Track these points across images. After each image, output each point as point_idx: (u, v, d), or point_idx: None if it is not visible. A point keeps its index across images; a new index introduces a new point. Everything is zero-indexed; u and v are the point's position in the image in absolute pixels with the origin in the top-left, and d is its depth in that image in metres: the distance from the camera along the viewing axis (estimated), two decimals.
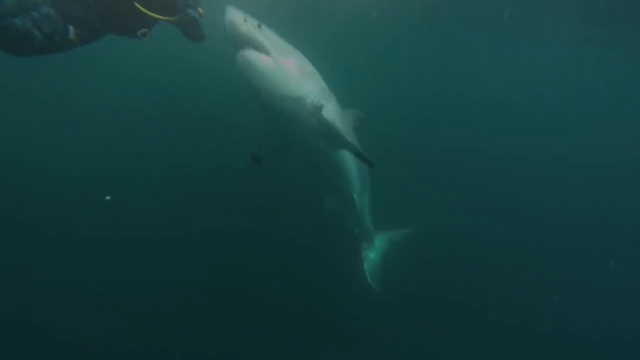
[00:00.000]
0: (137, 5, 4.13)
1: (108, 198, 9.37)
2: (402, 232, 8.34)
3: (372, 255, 8.03)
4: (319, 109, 5.03)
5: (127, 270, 8.62)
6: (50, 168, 10.68)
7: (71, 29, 3.82)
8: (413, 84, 18.57)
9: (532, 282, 10.50)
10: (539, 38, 15.50)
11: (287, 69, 4.71)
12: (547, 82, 20.16)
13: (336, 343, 8.50)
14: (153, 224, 9.54)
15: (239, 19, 4.36)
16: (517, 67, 19.21)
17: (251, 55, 4.48)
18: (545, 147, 17.33)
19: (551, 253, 11.88)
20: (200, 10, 4.63)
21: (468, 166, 14.41)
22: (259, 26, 4.49)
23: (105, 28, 4.31)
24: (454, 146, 15.04)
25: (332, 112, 5.28)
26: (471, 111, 17.22)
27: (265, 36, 4.52)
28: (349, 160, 6.22)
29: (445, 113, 16.84)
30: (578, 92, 21.17)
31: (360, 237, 7.89)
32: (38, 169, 10.71)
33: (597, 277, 11.61)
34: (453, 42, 17.52)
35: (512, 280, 10.31)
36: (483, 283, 9.99)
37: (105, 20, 4.20)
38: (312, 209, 7.99)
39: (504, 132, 16.71)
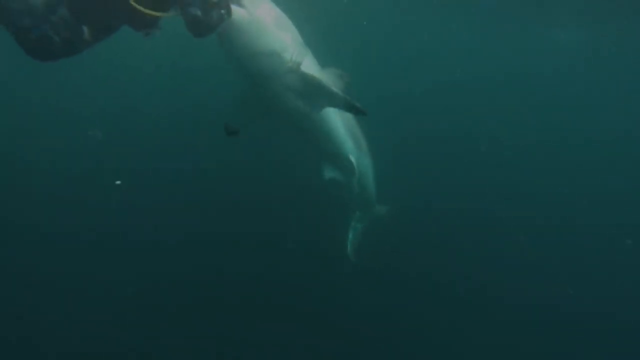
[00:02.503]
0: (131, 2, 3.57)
1: (118, 182, 9.13)
2: (392, 208, 8.13)
3: (360, 225, 7.82)
4: (297, 64, 4.81)
5: (120, 270, 8.46)
6: (45, 165, 10.29)
7: (85, 28, 3.71)
8: (414, 71, 18.28)
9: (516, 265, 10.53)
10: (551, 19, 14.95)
11: (262, 21, 4.47)
12: (556, 67, 19.76)
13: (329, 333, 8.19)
14: (144, 221, 9.29)
15: None
16: (524, 51, 18.86)
17: None
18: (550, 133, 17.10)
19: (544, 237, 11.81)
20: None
21: (471, 152, 14.19)
22: None
23: (116, 22, 4.00)
24: (456, 133, 14.86)
25: (310, 68, 5.04)
26: (474, 97, 17.02)
27: None
28: (335, 119, 5.97)
29: (445, 100, 16.64)
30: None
31: (357, 207, 7.67)
32: (32, 166, 10.31)
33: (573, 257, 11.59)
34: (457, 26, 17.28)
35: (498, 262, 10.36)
36: (467, 265, 9.95)
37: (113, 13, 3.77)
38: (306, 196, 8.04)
39: (510, 117, 16.50)
